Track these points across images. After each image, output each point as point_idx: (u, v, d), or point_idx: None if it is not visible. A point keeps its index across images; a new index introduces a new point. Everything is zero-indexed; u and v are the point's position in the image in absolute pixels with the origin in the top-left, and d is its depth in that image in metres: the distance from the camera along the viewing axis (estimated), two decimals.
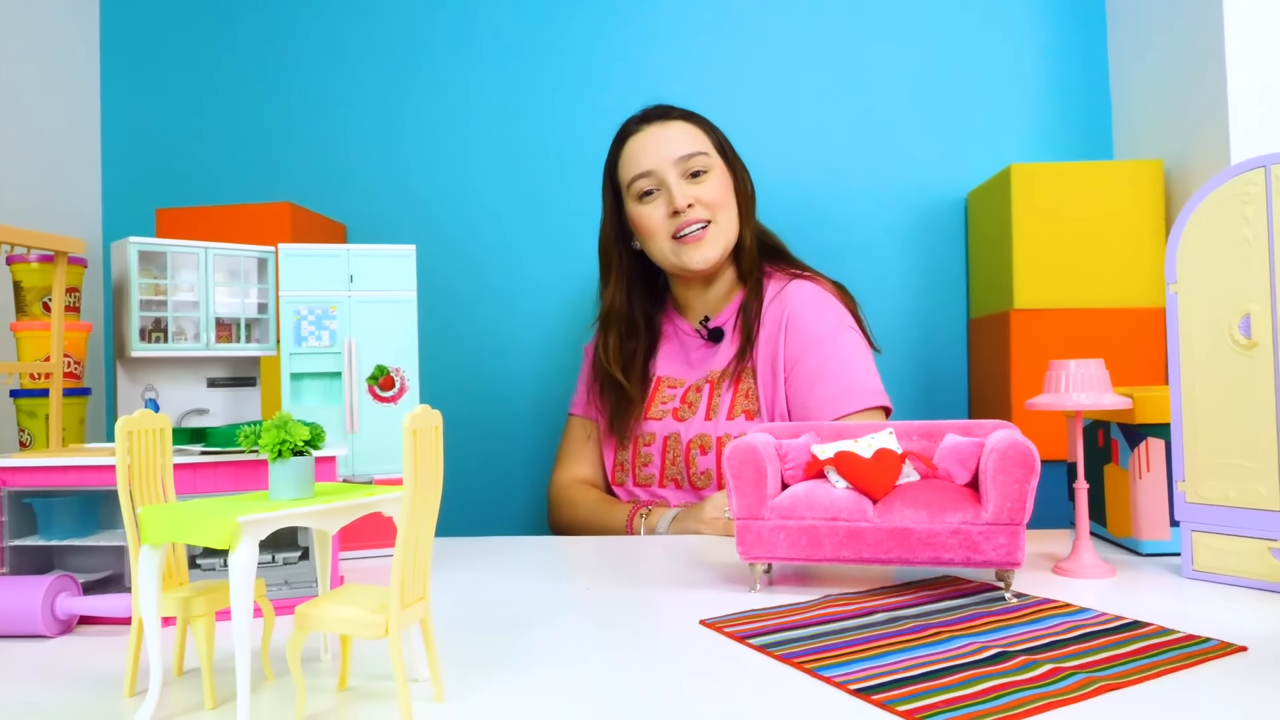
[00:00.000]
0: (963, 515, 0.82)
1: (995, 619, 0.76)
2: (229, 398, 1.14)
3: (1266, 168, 0.83)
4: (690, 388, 1.46)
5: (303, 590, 0.85)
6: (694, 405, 1.44)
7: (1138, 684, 0.61)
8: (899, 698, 0.59)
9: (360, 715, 0.59)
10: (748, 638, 0.72)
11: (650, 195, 1.42)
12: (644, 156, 1.41)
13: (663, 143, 1.41)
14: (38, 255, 0.98)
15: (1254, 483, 0.84)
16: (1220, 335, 0.86)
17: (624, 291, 1.49)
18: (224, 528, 0.54)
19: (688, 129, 1.43)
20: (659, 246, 1.42)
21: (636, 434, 1.47)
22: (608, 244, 1.50)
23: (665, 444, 1.44)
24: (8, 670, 0.70)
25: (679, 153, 1.40)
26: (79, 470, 0.83)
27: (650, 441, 1.45)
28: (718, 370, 1.44)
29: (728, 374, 1.42)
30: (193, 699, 0.62)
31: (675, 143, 1.41)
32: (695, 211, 1.39)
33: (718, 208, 1.41)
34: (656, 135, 1.42)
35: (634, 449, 1.47)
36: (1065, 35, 1.86)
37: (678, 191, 1.38)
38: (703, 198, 1.39)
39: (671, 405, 1.46)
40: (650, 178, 1.40)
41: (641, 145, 1.43)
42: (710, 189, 1.40)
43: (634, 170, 1.42)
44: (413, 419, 0.56)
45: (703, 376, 1.46)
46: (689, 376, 1.48)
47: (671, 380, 1.49)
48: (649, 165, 1.40)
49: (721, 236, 1.41)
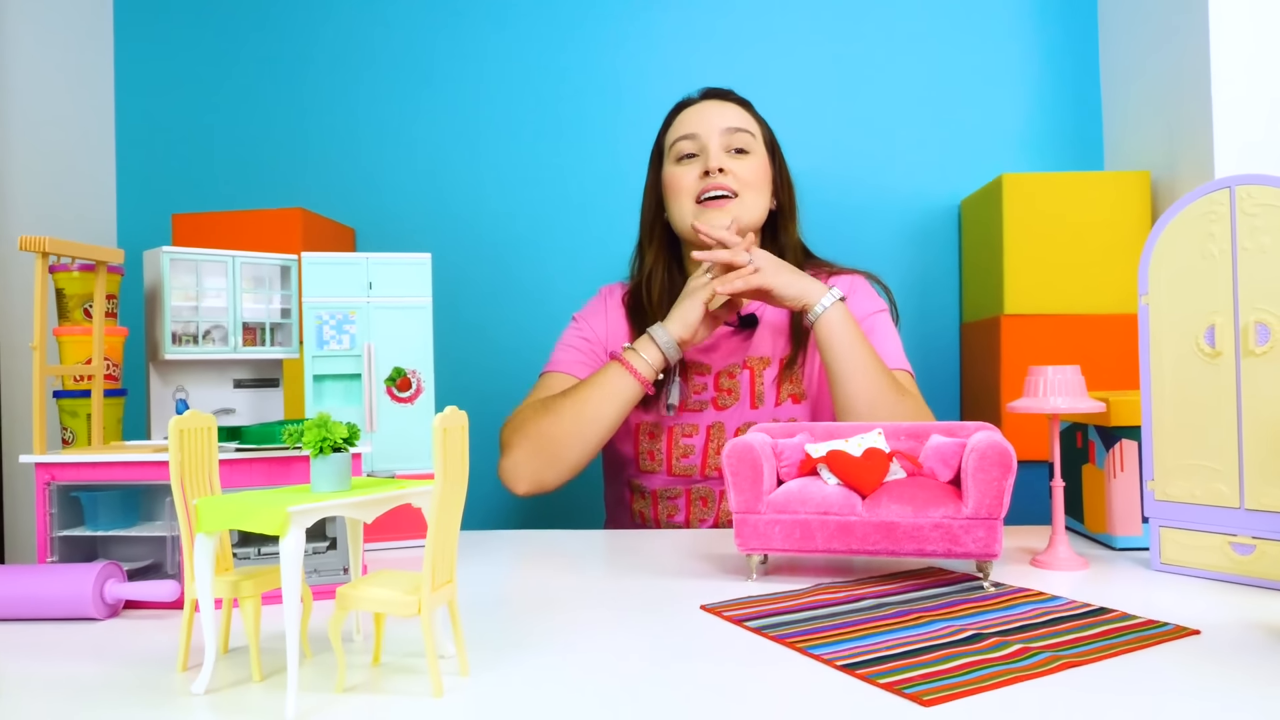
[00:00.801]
0: (945, 510, 0.88)
1: (973, 605, 0.82)
2: (254, 398, 1.20)
3: (1232, 188, 0.89)
4: (721, 373, 1.44)
5: (331, 578, 0.91)
6: (733, 392, 1.43)
7: (1096, 662, 0.67)
8: (880, 672, 0.65)
9: (394, 687, 0.65)
10: (745, 621, 0.79)
11: (689, 159, 1.43)
12: (693, 122, 1.44)
13: (714, 113, 1.44)
14: (80, 265, 1.04)
15: (1217, 482, 0.90)
16: (1188, 344, 0.93)
17: (664, 262, 1.49)
18: (275, 516, 0.60)
19: (743, 113, 1.46)
20: (681, 207, 1.43)
21: (671, 424, 1.43)
22: (649, 214, 1.50)
23: (709, 433, 1.42)
24: (64, 650, 0.76)
25: (727, 124, 1.42)
26: (121, 466, 0.89)
27: (691, 433, 1.42)
28: (756, 356, 1.44)
29: (768, 361, 1.43)
30: (240, 673, 0.68)
31: (727, 116, 1.43)
32: (725, 178, 1.39)
33: (748, 186, 1.41)
34: (711, 108, 1.45)
35: (669, 439, 1.43)
36: (1058, 49, 1.92)
37: (715, 155, 1.40)
38: (737, 171, 1.40)
39: (708, 395, 1.44)
40: (694, 140, 1.42)
41: (693, 114, 1.45)
42: (748, 167, 1.41)
43: (679, 132, 1.44)
44: (442, 419, 0.63)
45: (736, 363, 1.44)
46: (715, 362, 1.45)
47: (698, 366, 1.46)
48: (695, 129, 1.42)
49: (742, 213, 1.40)
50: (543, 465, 1.30)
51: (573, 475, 1.32)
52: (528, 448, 1.31)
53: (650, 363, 1.30)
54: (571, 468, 1.31)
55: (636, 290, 1.49)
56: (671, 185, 1.44)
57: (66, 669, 0.71)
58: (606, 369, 1.31)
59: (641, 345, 1.32)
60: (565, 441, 1.29)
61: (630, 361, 1.30)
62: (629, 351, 1.31)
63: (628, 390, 1.30)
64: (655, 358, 1.31)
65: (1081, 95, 1.92)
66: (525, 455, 1.31)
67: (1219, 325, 0.90)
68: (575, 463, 1.30)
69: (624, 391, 1.30)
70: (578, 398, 1.30)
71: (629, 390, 1.30)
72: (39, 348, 0.91)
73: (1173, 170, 1.64)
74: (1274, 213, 0.86)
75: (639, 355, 1.30)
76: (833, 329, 1.27)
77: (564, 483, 1.32)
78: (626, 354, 1.31)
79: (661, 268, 1.48)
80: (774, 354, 1.44)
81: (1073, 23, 1.92)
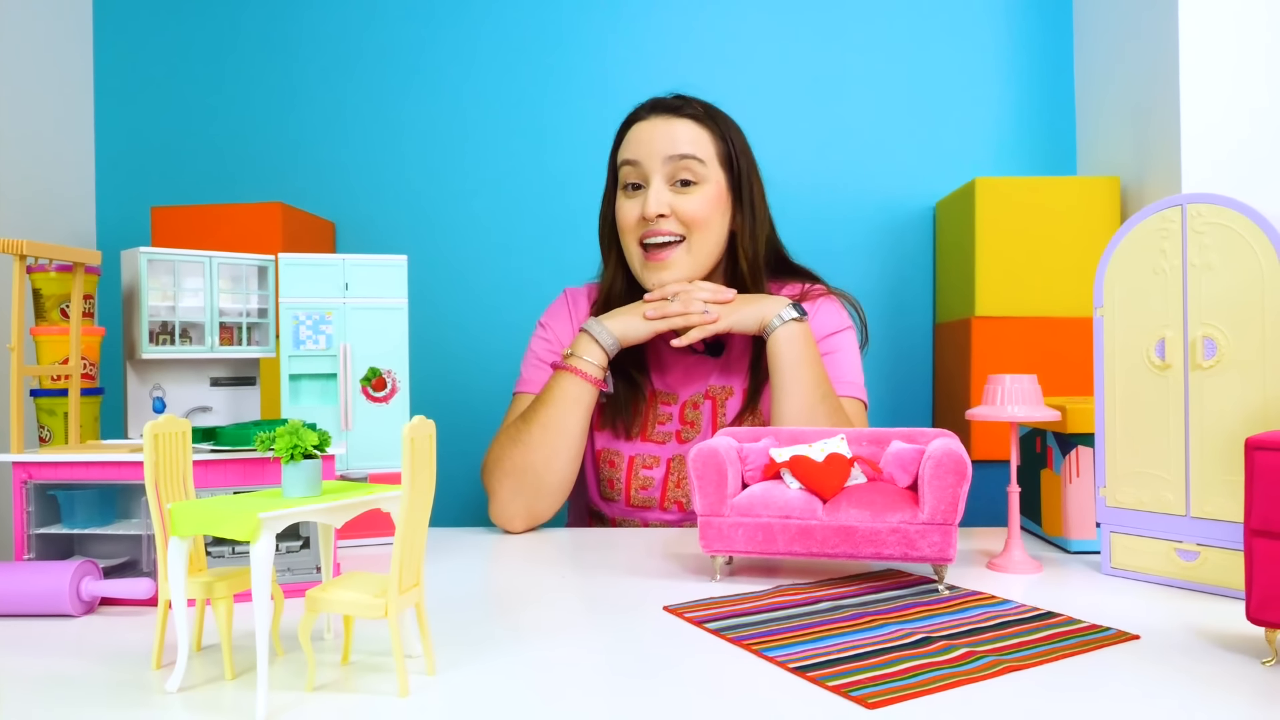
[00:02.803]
0: (902, 515, 0.91)
1: (926, 608, 0.85)
2: (230, 396, 1.22)
3: (1183, 206, 0.92)
4: (686, 404, 1.39)
5: (304, 577, 0.93)
6: (696, 424, 1.37)
7: (1036, 666, 0.70)
8: (830, 675, 0.68)
9: (362, 685, 0.67)
10: (704, 622, 0.81)
11: (635, 190, 1.33)
12: (638, 145, 1.33)
13: (659, 137, 1.31)
14: (57, 265, 1.05)
15: (1164, 490, 0.94)
16: (1139, 357, 0.96)
17: (624, 276, 1.40)
18: (246, 522, 0.62)
19: (693, 131, 1.32)
20: (629, 248, 1.35)
21: (632, 454, 1.38)
22: (608, 227, 1.41)
23: (669, 466, 1.36)
24: (40, 646, 0.78)
25: (671, 151, 1.30)
26: (98, 465, 0.90)
27: (652, 464, 1.37)
28: (719, 385, 1.39)
29: (731, 391, 1.38)
30: (213, 671, 0.71)
31: (672, 141, 1.30)
32: (667, 223, 1.30)
33: (696, 226, 1.30)
34: (657, 128, 1.32)
35: (629, 469, 1.38)
36: (1034, 54, 1.96)
37: (654, 196, 1.29)
38: (681, 210, 1.29)
39: (672, 427, 1.38)
40: (636, 169, 1.32)
41: (639, 134, 1.34)
42: (694, 203, 1.30)
43: (625, 155, 1.34)
44: (411, 429, 0.65)
45: (700, 392, 1.39)
46: (682, 391, 1.40)
47: (665, 395, 1.40)
48: (637, 156, 1.32)
49: (689, 262, 1.32)
50: (531, 497, 1.25)
51: (564, 495, 1.28)
52: (510, 485, 1.26)
53: (596, 362, 1.27)
54: (558, 488, 1.27)
55: (606, 302, 1.41)
56: (619, 219, 1.36)
57: (43, 665, 0.73)
58: (557, 380, 1.28)
59: (583, 347, 1.28)
60: (543, 466, 1.25)
61: (577, 367, 1.27)
62: (572, 357, 1.28)
63: (584, 395, 1.27)
64: (599, 356, 1.28)
65: (1056, 101, 1.96)
66: (510, 493, 1.26)
67: (1169, 339, 0.93)
68: (560, 483, 1.27)
69: (581, 398, 1.27)
70: (540, 420, 1.26)
71: (585, 394, 1.27)
72: (16, 348, 0.93)
73: (1141, 177, 1.67)
74: (1222, 231, 0.89)
75: (582, 358, 1.27)
76: (780, 345, 1.25)
77: (558, 507, 1.29)
78: (570, 360, 1.28)
79: (621, 279, 1.41)
80: (736, 384, 1.39)
81: (1048, 29, 1.95)
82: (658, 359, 1.42)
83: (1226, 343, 0.89)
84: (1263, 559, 0.70)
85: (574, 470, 1.28)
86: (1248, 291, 0.88)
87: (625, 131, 1.37)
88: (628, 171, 1.34)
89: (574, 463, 1.28)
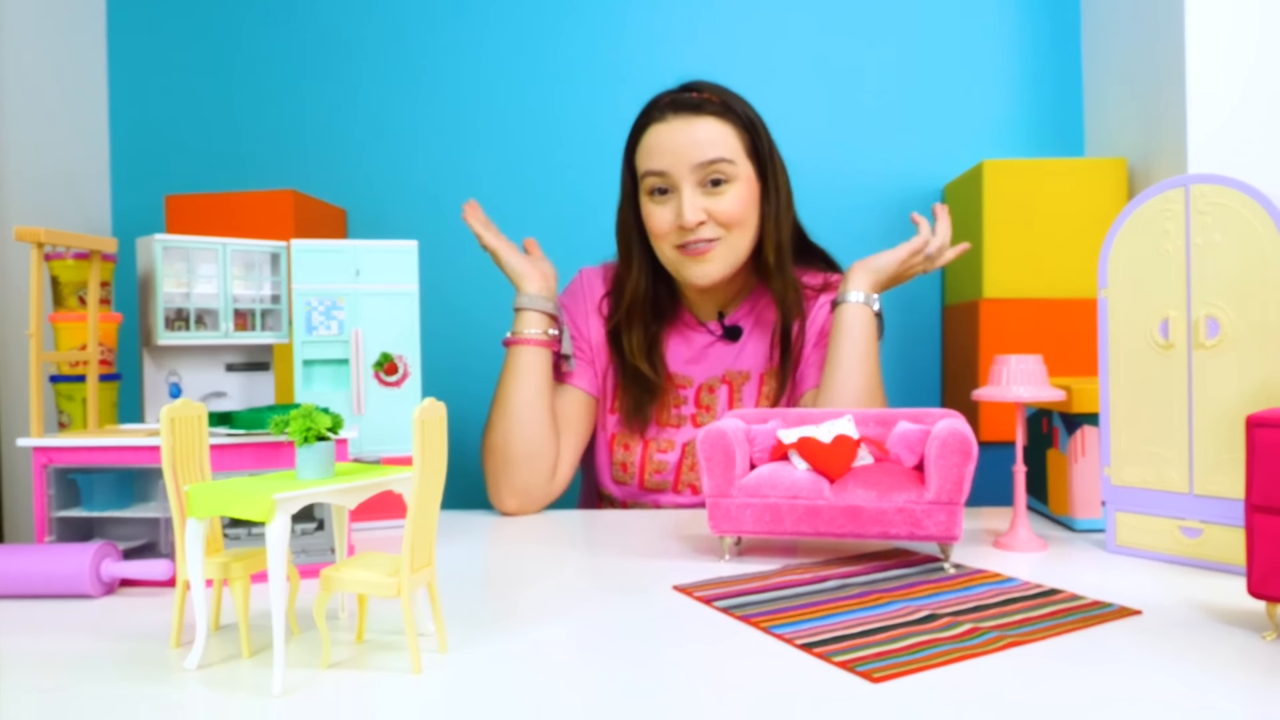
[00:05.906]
0: (908, 495, 0.92)
1: (932, 586, 0.86)
2: (245, 381, 1.23)
3: (1186, 187, 0.93)
4: (702, 388, 1.40)
5: (319, 558, 0.95)
6: (711, 409, 1.39)
7: (1039, 641, 0.71)
8: (837, 650, 0.69)
9: (376, 663, 0.69)
10: (713, 601, 0.83)
11: (663, 195, 1.31)
12: (662, 154, 1.29)
13: (685, 143, 1.28)
14: (74, 253, 1.07)
15: (1167, 469, 0.94)
16: (1143, 336, 0.96)
17: (647, 277, 1.39)
18: (262, 503, 0.63)
19: (717, 130, 1.29)
20: (663, 251, 1.34)
21: (647, 438, 1.39)
22: (627, 229, 1.39)
23: (684, 450, 1.37)
24: (62, 626, 0.80)
25: (700, 158, 1.27)
26: (116, 449, 0.92)
27: (667, 448, 1.38)
28: (736, 370, 1.40)
29: (747, 376, 1.39)
30: (230, 649, 0.72)
31: (699, 146, 1.28)
32: (705, 229, 1.29)
33: (732, 224, 1.30)
34: (680, 132, 1.29)
35: (644, 452, 1.39)
36: (1041, 35, 1.95)
37: (688, 204, 1.27)
38: (717, 212, 1.29)
39: (687, 410, 1.40)
40: (664, 178, 1.29)
41: (661, 140, 1.30)
42: (728, 202, 1.29)
43: (648, 165, 1.31)
44: (422, 411, 0.66)
45: (716, 376, 1.40)
46: (697, 374, 1.41)
47: (681, 378, 1.41)
48: (664, 165, 1.29)
49: (730, 254, 1.32)
50: (506, 475, 1.29)
51: (540, 466, 1.30)
52: (488, 468, 1.32)
53: (536, 325, 1.31)
54: (527, 460, 1.28)
55: (629, 306, 1.39)
56: (650, 226, 1.34)
57: (64, 644, 0.75)
58: (508, 356, 1.31)
59: (522, 322, 1.31)
60: (503, 441, 1.29)
61: (520, 337, 1.30)
62: (514, 334, 1.31)
63: (536, 360, 1.30)
64: (539, 320, 1.31)
65: (1063, 83, 1.95)
66: (490, 475, 1.31)
67: (1172, 319, 0.94)
68: (526, 455, 1.28)
69: (534, 364, 1.30)
70: (496, 400, 1.32)
71: (537, 360, 1.30)
72: (35, 335, 0.94)
73: (1148, 158, 1.67)
74: (1225, 211, 0.90)
75: (524, 330, 1.31)
76: (852, 318, 1.28)
77: (545, 481, 1.31)
78: (513, 336, 1.31)
79: (645, 280, 1.39)
80: (754, 369, 1.40)
81: (1055, 11, 1.95)
82: (675, 343, 1.43)
83: (1229, 322, 0.90)
84: (1263, 534, 0.71)
85: (542, 439, 1.30)
86: (1250, 271, 0.88)
87: (642, 134, 1.34)
88: (654, 180, 1.31)
89: (538, 432, 1.30)
